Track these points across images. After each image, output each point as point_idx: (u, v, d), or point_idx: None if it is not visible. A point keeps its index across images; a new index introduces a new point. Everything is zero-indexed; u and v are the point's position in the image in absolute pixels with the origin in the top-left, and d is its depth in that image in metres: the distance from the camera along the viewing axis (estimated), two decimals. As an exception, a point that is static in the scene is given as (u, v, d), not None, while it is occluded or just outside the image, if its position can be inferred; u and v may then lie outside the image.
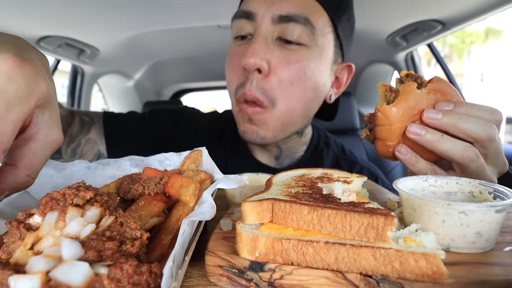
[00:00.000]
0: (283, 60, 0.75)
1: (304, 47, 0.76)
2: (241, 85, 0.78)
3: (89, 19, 1.54)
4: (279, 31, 0.75)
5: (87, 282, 0.24)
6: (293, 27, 0.74)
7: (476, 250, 0.34)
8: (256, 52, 0.72)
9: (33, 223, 0.30)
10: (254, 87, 0.75)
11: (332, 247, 0.31)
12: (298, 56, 0.76)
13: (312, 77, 0.78)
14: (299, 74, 0.76)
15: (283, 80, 0.76)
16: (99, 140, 0.92)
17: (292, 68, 0.76)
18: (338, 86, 0.92)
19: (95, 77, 2.30)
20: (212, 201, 0.37)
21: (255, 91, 0.75)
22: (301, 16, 0.74)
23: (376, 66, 2.22)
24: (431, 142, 0.50)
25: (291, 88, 0.77)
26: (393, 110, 0.52)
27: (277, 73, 0.75)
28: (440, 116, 0.50)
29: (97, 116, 0.95)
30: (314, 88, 0.81)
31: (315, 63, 0.78)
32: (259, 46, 0.73)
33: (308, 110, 0.84)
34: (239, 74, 0.79)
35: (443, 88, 0.53)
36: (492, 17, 1.28)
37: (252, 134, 0.82)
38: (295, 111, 0.81)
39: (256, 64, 0.73)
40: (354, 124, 2.04)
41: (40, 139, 0.34)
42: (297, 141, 0.96)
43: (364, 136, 0.61)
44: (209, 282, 0.36)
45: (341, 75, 0.90)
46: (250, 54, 0.72)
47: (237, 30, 0.81)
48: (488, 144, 0.50)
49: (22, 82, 0.30)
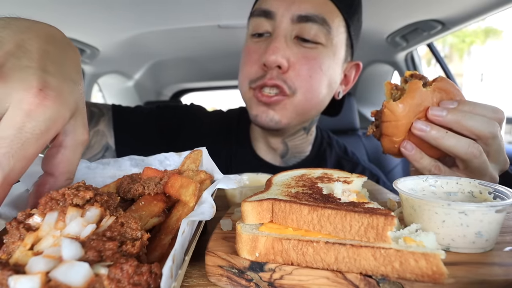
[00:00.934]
0: (302, 57, 0.79)
1: (320, 46, 0.80)
2: (260, 78, 0.81)
3: (89, 19, 1.54)
4: (297, 30, 0.79)
5: (87, 283, 0.24)
6: (311, 26, 0.78)
7: (476, 250, 0.34)
8: (277, 50, 0.76)
9: (33, 224, 0.30)
10: (275, 77, 0.78)
11: (332, 247, 0.31)
12: (315, 53, 0.80)
13: (327, 74, 0.82)
14: (316, 70, 0.80)
15: (302, 74, 0.80)
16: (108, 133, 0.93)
17: (310, 64, 0.79)
18: (346, 83, 0.95)
19: (95, 77, 2.30)
20: (212, 201, 0.37)
21: (276, 80, 0.78)
22: (319, 16, 0.77)
23: (376, 66, 2.21)
24: (436, 138, 0.52)
25: (309, 81, 0.80)
26: (399, 106, 0.54)
27: (296, 68, 0.79)
28: (444, 114, 0.51)
29: (106, 108, 0.96)
30: (328, 84, 0.84)
31: (329, 61, 0.82)
32: (280, 44, 0.77)
33: (321, 104, 0.88)
34: (256, 68, 0.82)
35: (447, 87, 0.55)
36: (492, 17, 1.28)
37: (265, 118, 0.83)
38: (312, 102, 0.84)
39: (277, 61, 0.76)
40: (354, 124, 2.04)
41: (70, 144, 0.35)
42: (304, 139, 0.97)
43: (371, 132, 0.62)
44: (209, 282, 0.36)
45: (349, 73, 0.94)
46: (272, 51, 0.76)
47: (254, 28, 0.84)
48: (491, 141, 0.51)
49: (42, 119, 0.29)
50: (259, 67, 0.81)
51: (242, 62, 0.87)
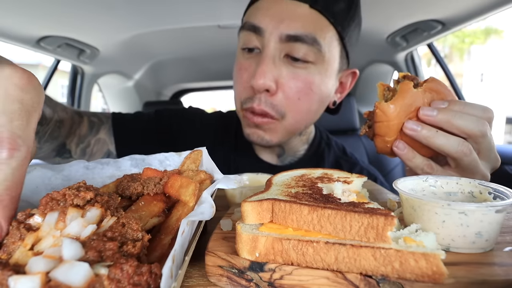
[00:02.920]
0: (291, 78, 0.78)
1: (310, 64, 0.78)
2: (249, 99, 0.81)
3: (89, 19, 1.54)
4: (287, 49, 0.77)
5: (87, 283, 0.24)
6: (300, 46, 0.76)
7: (476, 250, 0.34)
8: (264, 74, 0.75)
9: (33, 224, 0.30)
10: (263, 103, 0.78)
11: (332, 247, 0.31)
12: (304, 74, 0.78)
13: (317, 92, 0.81)
14: (305, 91, 0.79)
15: (290, 97, 0.79)
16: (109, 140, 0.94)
17: (299, 86, 0.78)
18: (342, 91, 0.95)
19: (95, 77, 2.30)
20: (211, 201, 0.37)
21: (264, 106, 0.78)
22: (308, 36, 0.75)
23: (376, 66, 2.22)
24: (427, 137, 0.53)
25: (298, 104, 0.80)
26: (390, 107, 0.55)
27: (285, 90, 0.78)
28: (435, 113, 0.52)
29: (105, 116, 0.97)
30: (319, 100, 0.84)
31: (321, 78, 0.81)
32: (268, 68, 0.76)
33: (313, 119, 0.89)
34: (247, 89, 0.81)
35: (438, 88, 0.56)
36: (492, 17, 1.28)
37: (257, 138, 0.85)
38: (302, 122, 0.86)
39: (265, 85, 0.76)
40: (354, 124, 2.04)
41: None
42: (298, 140, 0.99)
43: (364, 132, 0.64)
44: (209, 282, 0.36)
45: (345, 80, 0.93)
46: (259, 76, 0.75)
47: (244, 42, 0.83)
48: (481, 139, 0.52)
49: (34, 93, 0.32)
50: (249, 89, 0.80)
51: (234, 79, 0.88)
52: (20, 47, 1.63)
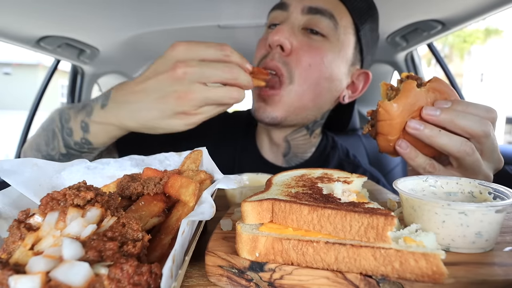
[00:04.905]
0: (305, 44, 0.82)
1: (325, 39, 0.83)
2: (264, 57, 0.84)
3: (89, 19, 1.54)
4: (306, 21, 0.83)
5: (87, 282, 0.24)
6: (319, 19, 0.82)
7: (476, 250, 0.34)
8: (281, 31, 0.79)
9: (33, 223, 0.30)
10: (276, 58, 0.81)
11: (332, 247, 0.31)
12: (319, 45, 0.82)
13: (328, 67, 0.84)
14: (317, 60, 0.82)
15: (302, 61, 0.81)
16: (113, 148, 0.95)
17: (312, 53, 0.82)
18: (354, 91, 0.96)
19: (95, 77, 2.30)
20: (211, 201, 0.37)
21: (276, 61, 0.81)
22: (327, 11, 0.82)
23: (376, 66, 2.21)
24: (430, 136, 0.53)
25: (308, 70, 0.82)
26: (394, 106, 0.55)
27: (298, 54, 0.81)
28: (438, 113, 0.52)
29: None
30: (329, 78, 0.85)
31: (333, 56, 0.84)
32: (286, 28, 0.81)
33: (320, 99, 0.88)
34: (263, 50, 0.86)
35: (441, 88, 0.56)
36: (492, 17, 1.28)
37: (263, 113, 0.86)
38: (309, 95, 0.85)
39: (280, 41, 0.79)
40: (354, 124, 2.04)
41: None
42: (307, 139, 0.98)
43: (366, 131, 0.64)
44: (209, 282, 0.36)
45: (357, 81, 0.95)
46: (275, 32, 0.79)
47: (271, 19, 0.89)
48: (484, 139, 0.52)
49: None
50: (265, 49, 0.85)
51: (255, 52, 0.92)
52: (20, 47, 1.63)
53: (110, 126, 0.68)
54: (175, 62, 0.59)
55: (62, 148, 0.75)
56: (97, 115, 0.67)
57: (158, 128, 0.65)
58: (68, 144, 0.73)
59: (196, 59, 0.59)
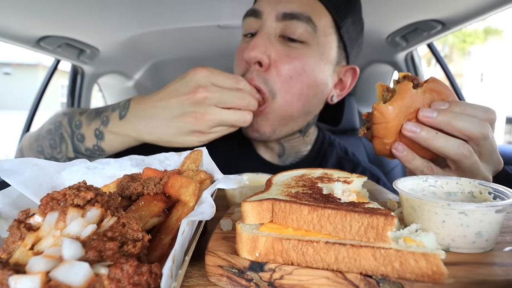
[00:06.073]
0: (284, 55, 0.78)
1: (305, 45, 0.79)
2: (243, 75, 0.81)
3: (89, 19, 1.54)
4: (282, 28, 0.78)
5: (87, 282, 0.24)
6: (296, 24, 0.77)
7: (476, 250, 0.34)
8: (257, 46, 0.75)
9: (33, 223, 0.30)
10: (255, 76, 0.77)
11: (332, 247, 0.31)
12: (299, 53, 0.78)
13: (311, 75, 0.80)
14: (298, 70, 0.79)
15: (282, 74, 0.78)
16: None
17: (291, 63, 0.78)
18: (342, 89, 0.93)
19: (95, 77, 2.30)
20: (211, 201, 0.37)
21: (256, 80, 0.77)
22: (303, 15, 0.77)
23: (376, 66, 2.21)
24: (426, 139, 0.52)
25: (289, 83, 0.79)
26: (389, 108, 0.54)
27: (277, 66, 0.78)
28: (435, 115, 0.51)
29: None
30: (313, 85, 0.82)
31: (315, 61, 0.80)
32: (261, 40, 0.77)
33: (307, 106, 0.85)
34: (242, 67, 0.82)
35: (439, 88, 0.55)
36: (492, 17, 1.28)
37: (252, 131, 0.85)
38: (294, 106, 0.82)
39: (257, 57, 0.75)
40: (354, 124, 2.04)
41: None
42: (300, 140, 0.97)
43: (362, 134, 0.63)
44: (209, 282, 0.36)
45: (345, 78, 0.92)
46: (251, 48, 0.75)
47: (245, 28, 0.85)
48: (482, 141, 0.51)
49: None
50: (243, 66, 0.81)
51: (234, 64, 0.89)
52: (20, 47, 1.63)
53: (126, 137, 0.70)
54: (197, 86, 0.64)
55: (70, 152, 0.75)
56: (114, 125, 0.69)
57: (174, 143, 0.68)
58: (78, 149, 0.74)
59: (215, 85, 0.65)
